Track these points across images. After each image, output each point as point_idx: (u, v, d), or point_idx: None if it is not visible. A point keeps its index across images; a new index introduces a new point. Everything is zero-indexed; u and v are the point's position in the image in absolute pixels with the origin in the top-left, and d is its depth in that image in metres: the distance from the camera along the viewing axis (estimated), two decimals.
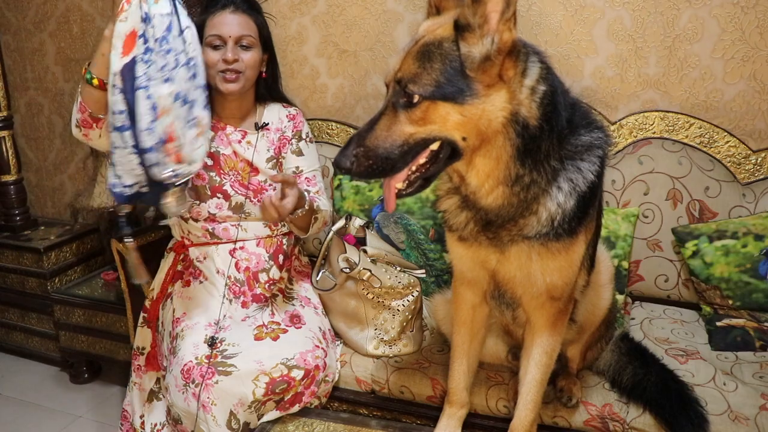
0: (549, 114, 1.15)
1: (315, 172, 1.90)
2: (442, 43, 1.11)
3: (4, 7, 2.91)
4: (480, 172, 1.19)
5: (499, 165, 1.17)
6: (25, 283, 2.68)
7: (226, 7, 1.74)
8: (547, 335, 1.38)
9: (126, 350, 2.35)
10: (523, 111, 1.13)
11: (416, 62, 1.11)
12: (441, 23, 1.15)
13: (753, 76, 1.91)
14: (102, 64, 1.43)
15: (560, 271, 1.29)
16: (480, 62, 1.09)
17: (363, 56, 2.34)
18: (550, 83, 1.15)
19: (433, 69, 1.10)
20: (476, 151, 1.16)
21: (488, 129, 1.13)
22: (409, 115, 1.12)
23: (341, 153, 1.14)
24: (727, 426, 1.43)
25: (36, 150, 3.08)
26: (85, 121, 1.54)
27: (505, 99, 1.11)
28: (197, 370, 1.55)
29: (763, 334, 1.71)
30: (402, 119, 1.13)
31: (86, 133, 1.57)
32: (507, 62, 1.10)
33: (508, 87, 1.11)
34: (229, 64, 1.71)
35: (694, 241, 1.81)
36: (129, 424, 1.87)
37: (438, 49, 1.10)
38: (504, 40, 1.08)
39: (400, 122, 1.13)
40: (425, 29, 1.16)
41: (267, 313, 1.77)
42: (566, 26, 2.05)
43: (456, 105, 1.10)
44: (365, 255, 1.76)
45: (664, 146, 1.96)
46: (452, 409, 1.55)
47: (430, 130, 1.13)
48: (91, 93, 1.48)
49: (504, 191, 1.20)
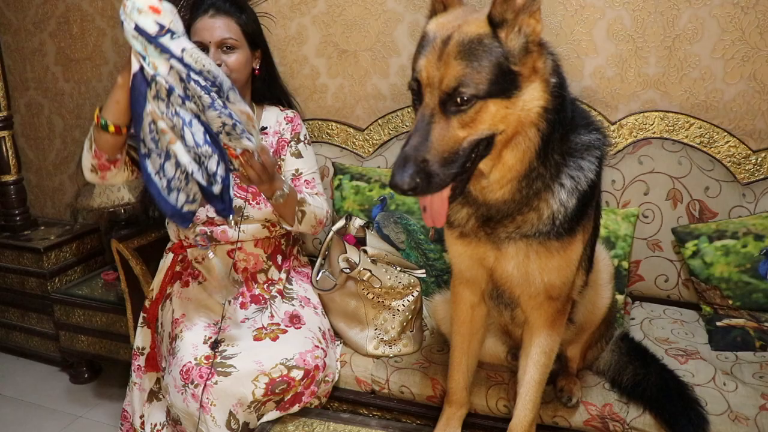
0: (559, 106, 1.15)
1: (314, 174, 1.90)
2: (482, 39, 1.08)
3: (4, 7, 2.91)
4: (504, 166, 1.18)
5: (525, 157, 1.17)
6: (25, 283, 2.68)
7: (206, 12, 1.73)
8: (546, 335, 1.38)
9: (126, 350, 2.35)
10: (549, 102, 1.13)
11: (461, 63, 1.07)
12: (460, 19, 1.12)
13: (753, 76, 1.91)
14: (117, 111, 1.41)
15: (558, 271, 1.30)
16: (520, 55, 1.09)
17: (363, 56, 2.34)
18: (560, 75, 1.17)
19: (482, 67, 1.07)
20: (507, 144, 1.15)
21: (526, 120, 1.13)
22: (460, 119, 1.09)
23: (400, 174, 1.06)
24: (727, 426, 1.43)
25: (36, 150, 3.08)
26: (102, 166, 1.52)
27: (540, 89, 1.12)
28: (196, 371, 1.55)
29: (763, 334, 1.71)
30: (454, 124, 1.09)
31: (103, 176, 1.55)
32: (538, 53, 1.11)
33: (540, 78, 1.12)
34: None
35: (694, 241, 1.81)
36: (129, 424, 1.87)
37: (481, 47, 1.08)
38: (537, 31, 1.09)
39: (452, 128, 1.09)
40: (440, 26, 1.13)
41: (266, 315, 1.76)
42: (566, 26, 2.05)
43: (504, 100, 1.09)
44: (365, 255, 1.76)
45: (664, 146, 1.96)
46: (452, 409, 1.55)
47: (480, 131, 1.10)
48: (106, 139, 1.46)
49: (513, 185, 1.20)
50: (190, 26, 1.75)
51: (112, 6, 2.67)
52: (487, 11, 1.11)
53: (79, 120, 2.92)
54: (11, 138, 2.79)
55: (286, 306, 1.81)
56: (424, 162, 1.07)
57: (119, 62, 2.74)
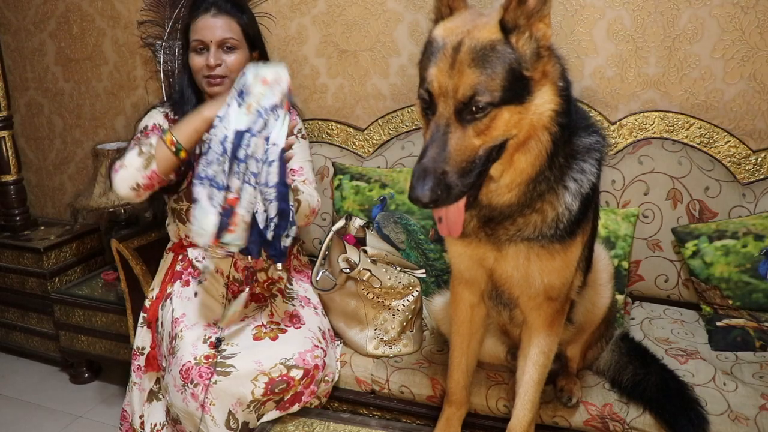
0: (566, 110, 1.16)
1: (302, 164, 1.88)
2: (494, 46, 1.07)
3: (4, 7, 2.91)
4: (516, 170, 1.17)
5: (537, 161, 1.16)
6: (25, 283, 2.68)
7: (207, 11, 1.73)
8: (544, 335, 1.38)
9: (126, 350, 2.35)
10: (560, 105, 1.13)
11: (476, 70, 1.06)
12: (469, 24, 1.11)
13: (753, 76, 1.91)
14: (193, 140, 1.55)
15: (558, 272, 1.30)
16: (532, 60, 1.09)
17: (363, 56, 2.34)
18: (566, 79, 1.17)
19: (496, 74, 1.06)
20: (518, 148, 1.15)
21: (538, 124, 1.12)
22: (475, 127, 1.08)
23: (420, 187, 1.05)
24: (727, 426, 1.43)
25: (36, 150, 3.08)
26: (149, 186, 1.57)
27: (551, 93, 1.12)
28: (196, 371, 1.55)
29: (763, 334, 1.71)
30: (469, 133, 1.08)
31: (141, 194, 1.59)
32: (548, 58, 1.11)
33: (550, 81, 1.12)
34: (212, 69, 1.71)
35: (694, 241, 1.81)
36: (129, 424, 1.87)
37: (494, 53, 1.07)
38: (547, 36, 1.09)
39: (468, 137, 1.08)
40: (449, 32, 1.11)
41: (266, 314, 1.76)
42: (566, 26, 2.05)
43: (518, 106, 1.09)
44: (365, 255, 1.75)
45: (664, 146, 1.96)
46: (452, 409, 1.55)
47: (495, 137, 1.10)
48: (173, 162, 1.57)
49: (521, 189, 1.20)
50: (190, 24, 1.75)
51: (112, 6, 2.68)
52: (495, 16, 1.10)
53: (79, 120, 2.92)
54: (11, 138, 2.79)
55: (285, 305, 1.81)
56: (443, 174, 1.06)
57: (119, 62, 2.74)
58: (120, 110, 2.82)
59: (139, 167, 1.54)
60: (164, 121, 1.82)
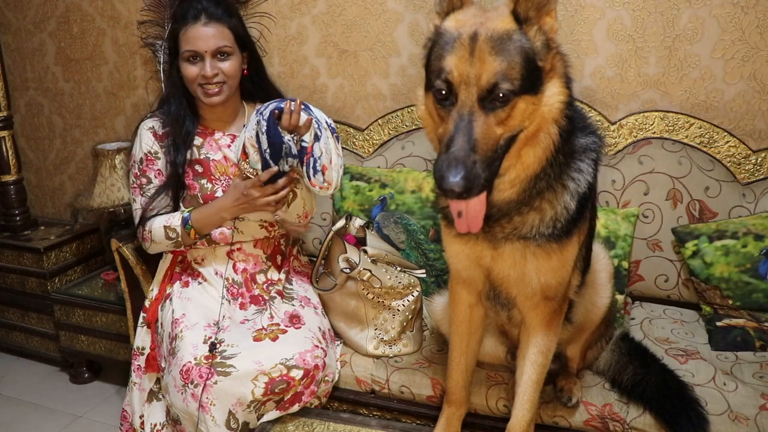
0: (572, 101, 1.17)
1: None
2: (511, 36, 1.08)
3: (4, 7, 2.91)
4: (522, 164, 1.18)
5: (543, 155, 1.17)
6: (25, 283, 2.68)
7: (197, 19, 1.70)
8: (543, 335, 1.38)
9: (126, 350, 2.35)
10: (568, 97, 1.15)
11: (497, 58, 1.06)
12: (480, 17, 1.11)
13: (753, 76, 1.91)
14: (212, 226, 1.76)
15: (554, 272, 1.30)
16: (543, 52, 1.10)
17: (363, 56, 2.34)
18: (567, 75, 1.18)
19: (516, 63, 1.07)
20: (527, 142, 1.15)
21: (548, 116, 1.13)
22: (496, 116, 1.08)
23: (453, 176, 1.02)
24: (727, 426, 1.43)
25: (36, 150, 3.08)
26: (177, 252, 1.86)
27: (559, 84, 1.13)
28: (196, 371, 1.55)
29: (763, 334, 1.71)
30: (491, 121, 1.08)
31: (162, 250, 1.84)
32: (555, 51, 1.13)
33: (558, 74, 1.13)
34: (210, 79, 1.71)
35: (694, 241, 1.81)
36: (129, 424, 1.87)
37: (512, 43, 1.08)
38: (554, 29, 1.11)
39: (490, 125, 1.08)
40: (462, 23, 1.11)
41: (266, 317, 1.76)
42: (566, 26, 2.05)
43: (532, 97, 1.10)
44: (365, 255, 1.75)
45: (664, 146, 1.96)
46: (451, 409, 1.55)
47: (512, 127, 1.10)
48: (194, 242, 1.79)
49: (523, 185, 1.20)
50: (179, 32, 1.73)
51: (112, 6, 2.68)
52: (504, 9, 1.11)
53: (79, 120, 2.92)
54: (11, 138, 2.79)
55: (285, 306, 1.81)
56: (474, 163, 1.05)
57: (119, 62, 2.74)
58: (120, 110, 2.82)
59: (169, 245, 1.78)
60: (154, 143, 1.80)
